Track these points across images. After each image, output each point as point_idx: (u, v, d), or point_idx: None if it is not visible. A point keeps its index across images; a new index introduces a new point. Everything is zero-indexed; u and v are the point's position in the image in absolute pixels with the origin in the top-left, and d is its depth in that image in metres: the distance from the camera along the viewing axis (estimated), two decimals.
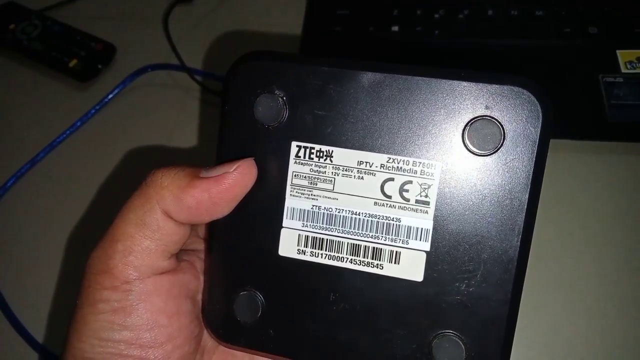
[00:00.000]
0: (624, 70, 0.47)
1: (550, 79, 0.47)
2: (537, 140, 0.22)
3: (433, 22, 0.52)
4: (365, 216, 0.24)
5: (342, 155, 0.23)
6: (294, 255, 0.24)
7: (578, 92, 0.46)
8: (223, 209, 0.24)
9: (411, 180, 0.23)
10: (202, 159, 0.48)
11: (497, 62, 0.49)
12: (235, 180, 0.23)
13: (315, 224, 0.24)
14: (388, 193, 0.23)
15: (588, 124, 0.45)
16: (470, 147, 0.22)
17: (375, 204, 0.23)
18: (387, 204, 0.23)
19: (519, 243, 0.22)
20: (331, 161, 0.24)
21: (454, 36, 0.51)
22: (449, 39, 0.51)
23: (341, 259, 0.24)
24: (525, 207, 0.22)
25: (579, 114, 0.45)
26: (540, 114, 0.22)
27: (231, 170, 0.23)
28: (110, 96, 0.51)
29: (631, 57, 0.47)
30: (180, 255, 0.26)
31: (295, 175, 0.24)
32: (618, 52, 0.48)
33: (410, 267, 0.23)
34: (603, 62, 0.47)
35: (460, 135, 0.22)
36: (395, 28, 0.52)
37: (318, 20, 0.54)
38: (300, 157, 0.24)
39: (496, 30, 0.51)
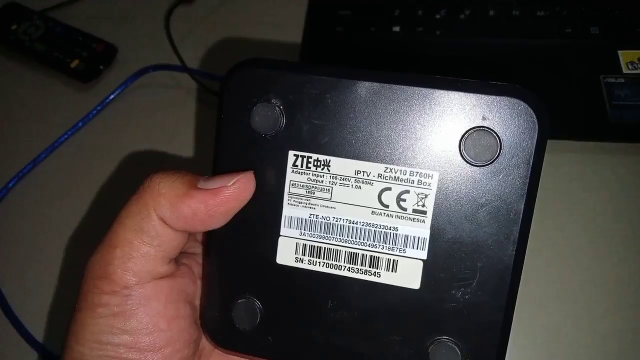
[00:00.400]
0: (625, 71, 0.47)
1: (551, 79, 0.47)
2: (533, 151, 0.22)
3: (434, 22, 0.52)
4: (362, 225, 0.24)
5: (340, 165, 0.23)
6: (292, 263, 0.25)
7: (579, 93, 0.46)
8: (218, 221, 0.24)
9: (408, 190, 0.23)
10: (203, 159, 0.48)
11: (498, 62, 0.49)
12: (233, 194, 0.23)
13: (313, 233, 0.24)
14: (385, 202, 0.23)
15: (589, 125, 0.45)
16: (467, 157, 0.22)
17: (373, 213, 0.24)
18: (384, 213, 0.23)
19: (514, 252, 0.22)
20: (329, 170, 0.24)
21: (455, 36, 0.51)
22: (450, 39, 0.51)
23: (339, 267, 0.24)
24: (521, 216, 0.22)
25: (580, 115, 0.45)
26: (537, 125, 0.22)
27: (229, 184, 0.23)
28: (112, 97, 0.51)
29: (633, 58, 0.47)
30: (179, 258, 0.26)
31: (292, 184, 0.24)
32: (619, 52, 0.48)
33: (407, 275, 0.24)
34: (604, 63, 0.47)
35: (457, 145, 0.22)
36: (397, 28, 0.52)
37: (319, 20, 0.54)
38: (297, 166, 0.24)
39: (497, 30, 0.51)
